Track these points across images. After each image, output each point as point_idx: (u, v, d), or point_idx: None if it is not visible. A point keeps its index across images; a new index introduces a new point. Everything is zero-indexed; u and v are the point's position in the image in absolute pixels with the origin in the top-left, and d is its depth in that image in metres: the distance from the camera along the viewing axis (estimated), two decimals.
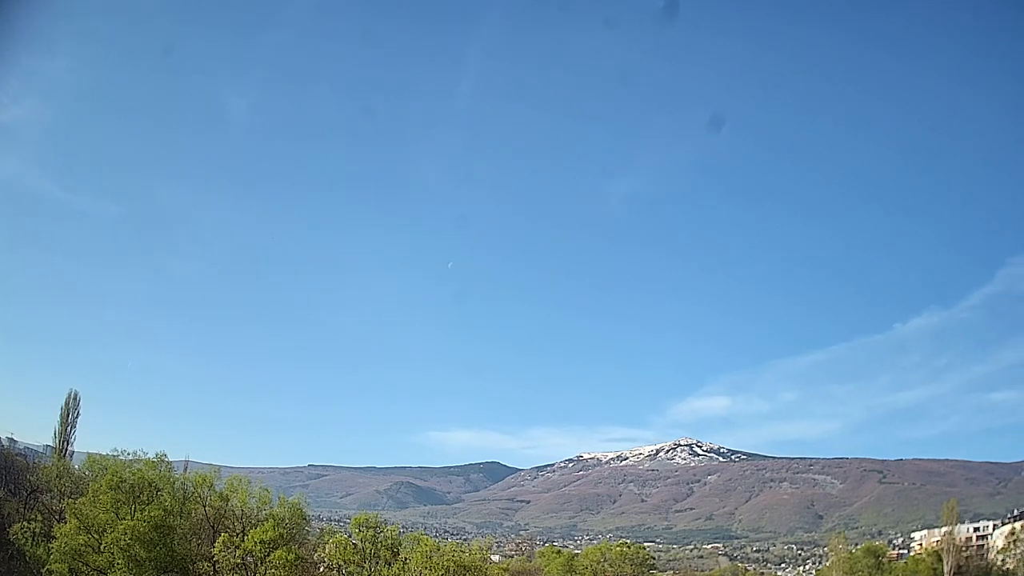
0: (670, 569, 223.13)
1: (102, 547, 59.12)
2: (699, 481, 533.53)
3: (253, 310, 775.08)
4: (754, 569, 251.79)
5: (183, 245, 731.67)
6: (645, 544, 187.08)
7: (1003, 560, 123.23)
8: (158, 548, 59.52)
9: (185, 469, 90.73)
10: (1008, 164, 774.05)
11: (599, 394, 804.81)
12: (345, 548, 70.84)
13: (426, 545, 69.73)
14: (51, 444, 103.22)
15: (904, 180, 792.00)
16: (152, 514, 59.97)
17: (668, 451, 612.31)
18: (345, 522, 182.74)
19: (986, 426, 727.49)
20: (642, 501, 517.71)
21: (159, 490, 66.09)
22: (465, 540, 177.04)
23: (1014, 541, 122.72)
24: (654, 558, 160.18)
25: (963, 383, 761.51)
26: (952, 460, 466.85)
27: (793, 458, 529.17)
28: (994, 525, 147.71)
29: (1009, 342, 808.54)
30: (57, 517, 67.59)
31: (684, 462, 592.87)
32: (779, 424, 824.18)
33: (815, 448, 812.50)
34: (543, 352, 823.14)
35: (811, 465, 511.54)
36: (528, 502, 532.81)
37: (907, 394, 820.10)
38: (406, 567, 66.21)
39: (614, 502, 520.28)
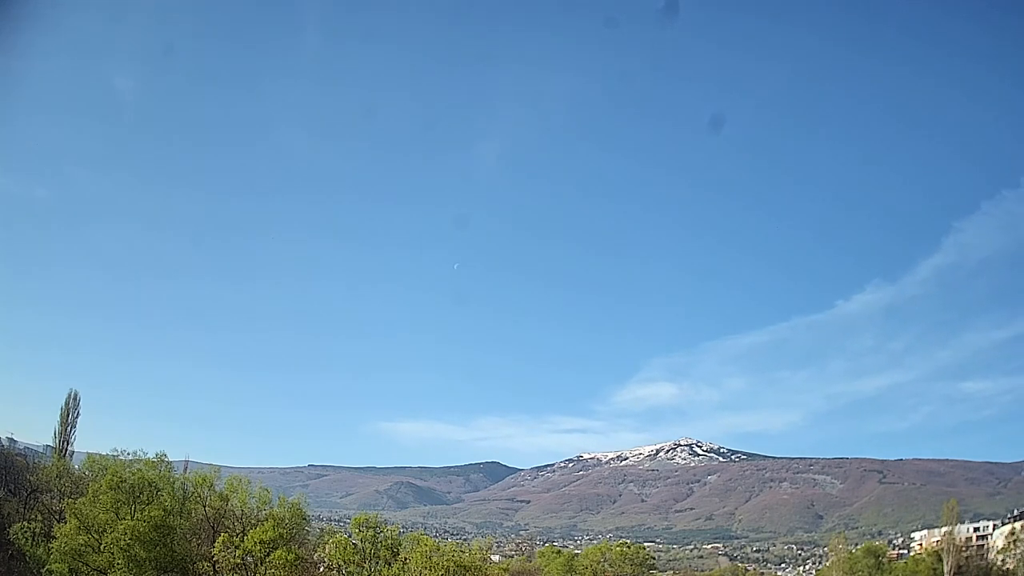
0: (670, 569, 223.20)
1: (102, 547, 59.11)
2: (699, 481, 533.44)
3: (252, 310, 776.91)
4: (754, 569, 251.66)
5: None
6: (645, 544, 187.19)
7: (1003, 560, 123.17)
8: (158, 548, 59.50)
9: (185, 469, 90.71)
10: (943, 128, 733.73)
11: (536, 384, 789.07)
12: (345, 548, 70.76)
13: (426, 545, 69.64)
14: (51, 444, 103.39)
15: (832, 147, 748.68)
16: (152, 514, 59.93)
17: (668, 451, 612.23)
18: (345, 522, 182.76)
19: (962, 419, 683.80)
20: (642, 501, 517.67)
21: (159, 490, 66.11)
22: (465, 540, 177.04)
23: (1014, 541, 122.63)
24: (654, 558, 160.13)
25: (929, 371, 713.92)
26: (952, 460, 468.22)
27: (793, 458, 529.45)
28: (994, 525, 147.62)
29: (972, 324, 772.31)
30: (57, 517, 67.61)
31: (684, 462, 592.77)
32: (733, 415, 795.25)
33: (815, 448, 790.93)
34: (477, 344, 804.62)
35: (811, 465, 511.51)
36: (528, 502, 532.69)
37: (867, 382, 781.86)
38: (406, 567, 66.15)
39: (614, 502, 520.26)
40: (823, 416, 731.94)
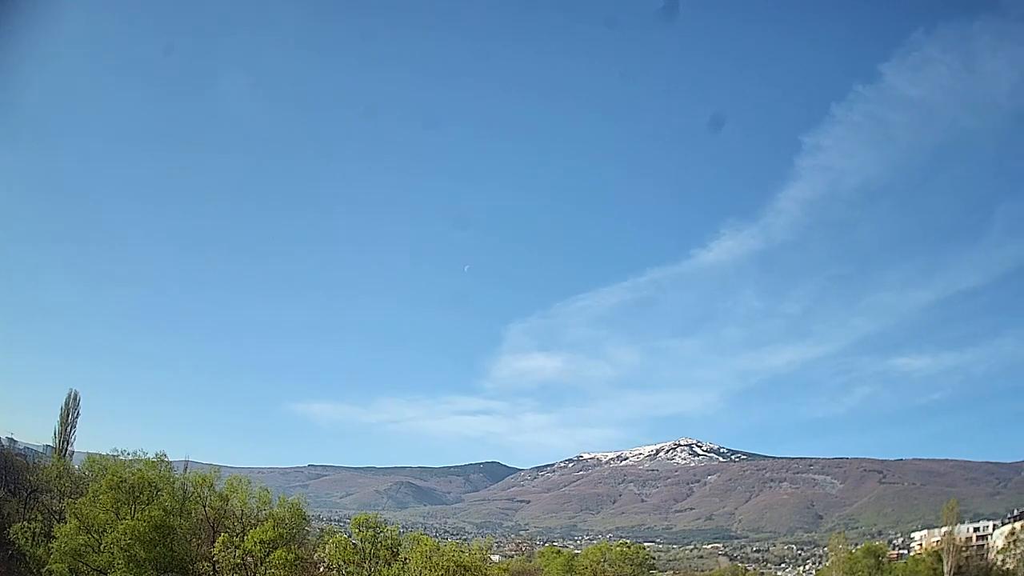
0: (670, 569, 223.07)
1: (102, 547, 59.10)
2: (699, 481, 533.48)
3: (251, 310, 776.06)
4: (754, 569, 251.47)
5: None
6: (645, 544, 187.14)
7: (1003, 560, 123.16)
8: (158, 548, 59.49)
9: (185, 469, 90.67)
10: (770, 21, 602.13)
11: (419, 363, 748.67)
12: (345, 548, 70.75)
13: (426, 545, 69.61)
14: (51, 444, 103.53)
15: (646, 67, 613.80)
16: (152, 514, 59.94)
17: (668, 451, 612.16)
18: (345, 522, 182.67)
19: (908, 404, 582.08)
20: (642, 501, 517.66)
21: (159, 490, 66.15)
22: (465, 540, 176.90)
23: (1014, 541, 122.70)
24: (654, 558, 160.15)
25: (848, 343, 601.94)
26: (952, 460, 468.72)
27: (793, 458, 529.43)
28: (994, 525, 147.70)
29: (880, 281, 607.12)
30: (57, 517, 67.58)
31: (684, 462, 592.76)
32: (639, 394, 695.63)
33: (815, 448, 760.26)
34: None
35: (811, 465, 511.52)
36: (528, 502, 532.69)
37: (776, 355, 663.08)
38: (406, 567, 66.15)
39: (614, 502, 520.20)
40: (740, 396, 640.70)
